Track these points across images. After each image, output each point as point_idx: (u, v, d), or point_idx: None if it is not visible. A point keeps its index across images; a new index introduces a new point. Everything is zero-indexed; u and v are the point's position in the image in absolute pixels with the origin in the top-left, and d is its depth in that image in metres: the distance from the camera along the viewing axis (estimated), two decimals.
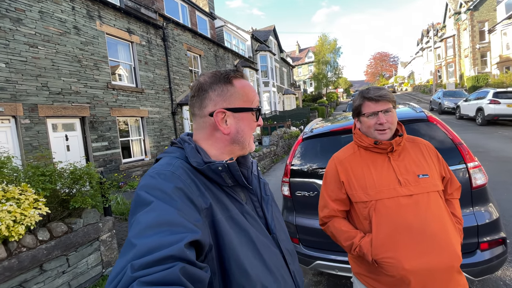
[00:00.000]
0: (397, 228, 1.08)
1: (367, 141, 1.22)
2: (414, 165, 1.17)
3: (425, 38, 40.10)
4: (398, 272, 1.06)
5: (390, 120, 1.18)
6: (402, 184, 1.13)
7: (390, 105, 1.18)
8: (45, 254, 2.36)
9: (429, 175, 1.14)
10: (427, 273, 1.04)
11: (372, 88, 1.23)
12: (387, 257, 1.08)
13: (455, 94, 15.88)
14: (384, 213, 1.11)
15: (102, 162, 7.58)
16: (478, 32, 24.16)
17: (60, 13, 6.70)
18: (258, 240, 0.68)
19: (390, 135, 1.20)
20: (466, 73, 25.66)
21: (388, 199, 1.12)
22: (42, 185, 2.59)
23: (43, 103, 6.26)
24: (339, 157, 1.32)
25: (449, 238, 1.07)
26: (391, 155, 1.20)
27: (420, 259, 1.04)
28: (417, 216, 1.08)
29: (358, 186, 1.20)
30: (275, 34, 25.05)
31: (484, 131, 9.87)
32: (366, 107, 1.21)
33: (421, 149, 1.23)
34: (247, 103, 0.75)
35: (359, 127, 1.29)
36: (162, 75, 10.07)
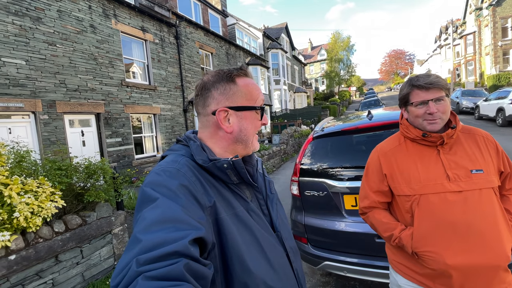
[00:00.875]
0: (441, 223, 1.04)
1: (415, 132, 1.14)
2: (467, 159, 1.08)
3: (444, 35, 38.72)
4: (439, 266, 1.04)
5: (441, 110, 1.08)
6: (452, 179, 1.06)
7: (443, 93, 1.08)
8: (60, 245, 2.44)
9: (484, 170, 1.06)
10: (470, 269, 1.01)
11: (422, 75, 1.14)
12: (429, 251, 1.05)
13: (475, 94, 15.27)
14: (428, 208, 1.07)
15: (116, 157, 7.78)
16: (501, 29, 23.09)
17: (77, 12, 6.89)
18: (263, 237, 0.69)
19: (441, 125, 1.10)
20: (486, 71, 24.63)
21: (433, 194, 1.07)
22: (58, 178, 2.69)
23: (61, 99, 6.48)
24: (382, 148, 1.26)
25: (499, 237, 1.01)
26: (441, 148, 1.11)
27: (464, 256, 1.01)
28: (464, 214, 1.02)
29: (402, 180, 1.14)
30: (287, 32, 24.84)
31: (505, 132, 9.46)
32: (415, 96, 1.12)
33: (477, 141, 1.13)
34: (250, 102, 0.74)
35: (407, 117, 1.21)
36: (174, 73, 10.20)
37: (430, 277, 1.09)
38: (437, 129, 1.10)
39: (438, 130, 1.11)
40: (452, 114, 1.15)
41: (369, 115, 2.44)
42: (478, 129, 1.18)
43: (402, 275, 1.21)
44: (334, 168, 2.33)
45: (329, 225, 2.16)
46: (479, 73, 26.69)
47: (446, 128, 1.14)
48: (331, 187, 2.20)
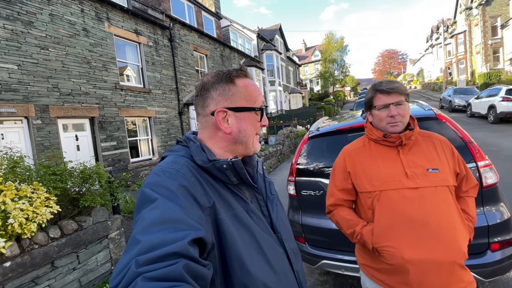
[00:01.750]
0: (399, 218, 1.09)
1: (377, 134, 1.23)
2: (424, 159, 1.16)
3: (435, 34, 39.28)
4: (396, 261, 1.08)
5: (401, 113, 1.17)
6: (409, 176, 1.13)
7: (402, 98, 1.17)
8: (56, 251, 2.42)
9: (440, 169, 1.13)
10: (426, 264, 1.04)
11: (385, 81, 1.23)
12: (387, 245, 1.10)
13: (466, 92, 15.51)
14: (387, 204, 1.13)
15: (111, 161, 7.71)
16: (490, 28, 23.51)
17: (69, 15, 6.83)
18: (263, 239, 0.68)
19: (402, 128, 1.19)
20: (477, 70, 25.03)
21: (392, 190, 1.13)
22: (53, 184, 2.66)
23: (54, 104, 6.41)
24: (348, 149, 1.35)
25: (454, 233, 1.06)
26: (401, 149, 1.19)
27: (420, 250, 1.05)
28: (421, 209, 1.08)
29: (364, 177, 1.22)
30: (281, 33, 24.95)
31: (497, 129, 9.63)
32: (378, 100, 1.21)
33: (434, 144, 1.21)
34: (250, 103, 0.74)
35: (371, 120, 1.29)
36: (169, 76, 10.17)
37: (389, 273, 1.13)
38: (399, 131, 1.19)
39: (399, 132, 1.19)
40: (411, 118, 1.24)
41: (363, 114, 2.47)
42: (435, 134, 1.27)
43: (369, 276, 1.25)
44: (330, 168, 2.35)
45: (326, 224, 2.18)
46: (470, 71, 27.12)
47: (405, 131, 1.21)
48: (327, 186, 2.22)
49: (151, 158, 9.29)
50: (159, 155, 9.43)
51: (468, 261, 1.73)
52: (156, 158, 9.33)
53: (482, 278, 1.68)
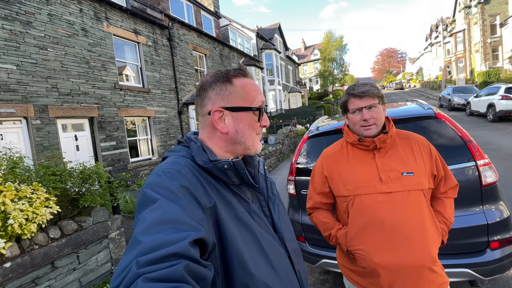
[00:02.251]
0: (370, 222, 1.11)
1: (352, 137, 1.23)
2: (400, 163, 1.16)
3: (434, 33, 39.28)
4: (368, 264, 1.10)
5: (375, 116, 1.16)
6: (383, 181, 1.13)
7: (375, 101, 1.16)
8: (56, 251, 2.42)
9: (415, 173, 1.13)
10: (395, 268, 1.06)
11: (358, 84, 1.22)
12: (359, 249, 1.13)
13: (466, 90, 15.52)
14: (360, 208, 1.15)
15: (111, 161, 7.71)
16: (489, 26, 23.54)
17: (68, 15, 6.82)
18: (264, 239, 0.68)
19: (376, 131, 1.18)
20: (476, 68, 25.05)
21: (366, 195, 1.15)
22: (53, 184, 2.66)
23: (53, 104, 6.40)
24: (326, 152, 1.36)
25: (424, 237, 1.07)
26: (377, 152, 1.19)
27: (389, 254, 1.07)
28: (392, 213, 1.09)
29: (340, 181, 1.23)
30: (280, 32, 24.92)
31: (496, 127, 9.64)
32: (351, 104, 1.21)
33: (411, 145, 1.21)
34: (247, 102, 0.73)
35: (347, 123, 1.30)
36: (168, 75, 10.15)
37: (362, 276, 1.16)
38: (372, 134, 1.18)
39: (374, 135, 1.18)
40: (388, 119, 1.23)
41: None
42: (414, 134, 1.25)
43: (347, 278, 1.27)
44: None
45: None
46: (469, 70, 27.14)
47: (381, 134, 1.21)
48: None
49: (151, 158, 9.29)
50: (158, 155, 9.42)
51: (467, 259, 1.74)
52: (156, 158, 9.32)
53: (482, 277, 1.69)
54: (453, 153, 1.98)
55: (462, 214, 1.81)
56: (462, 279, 1.74)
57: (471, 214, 1.81)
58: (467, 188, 1.84)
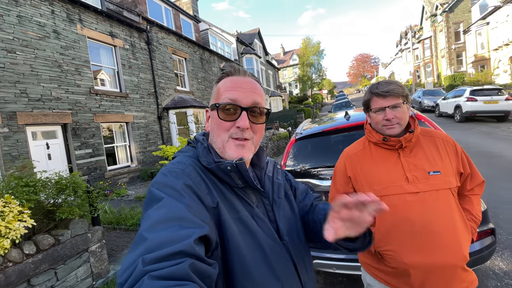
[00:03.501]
0: (399, 223, 1.09)
1: (376, 137, 1.20)
2: (425, 161, 1.13)
3: (404, 39, 41.62)
4: (398, 265, 1.09)
5: (398, 116, 1.13)
6: (410, 181, 1.11)
7: (399, 100, 1.13)
8: (32, 268, 2.24)
9: (442, 171, 1.11)
10: (427, 268, 1.05)
11: (382, 83, 1.19)
12: (388, 249, 1.11)
13: (434, 93, 16.55)
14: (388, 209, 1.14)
15: (86, 170, 7.32)
16: (454, 33, 25.37)
17: (39, 17, 6.45)
18: (267, 245, 0.66)
19: (399, 130, 1.16)
20: (443, 72, 26.83)
21: (394, 195, 1.12)
22: (26, 196, 2.47)
23: (22, 110, 5.99)
24: (348, 152, 1.32)
25: (456, 237, 1.06)
26: (402, 151, 1.17)
27: (420, 255, 1.05)
28: (422, 213, 1.07)
29: (365, 182, 1.20)
30: (260, 37, 25.21)
31: (463, 127, 10.34)
32: (374, 103, 1.18)
33: (436, 143, 1.18)
34: (216, 99, 0.73)
35: (369, 122, 1.26)
36: (147, 79, 9.88)
37: (392, 275, 1.15)
38: (396, 133, 1.15)
39: (398, 134, 1.16)
40: (412, 118, 1.20)
41: (347, 115, 2.55)
42: (438, 132, 1.25)
43: (369, 273, 1.26)
44: (317, 168, 2.40)
45: None
46: (436, 74, 29.01)
47: (405, 132, 1.19)
48: (316, 187, 2.26)
49: (130, 165, 8.94)
50: (138, 162, 9.09)
51: None
52: (135, 165, 8.99)
53: None
54: None
55: None
56: None
57: None
58: None
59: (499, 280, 2.29)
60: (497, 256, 2.60)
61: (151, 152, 9.45)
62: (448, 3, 25.30)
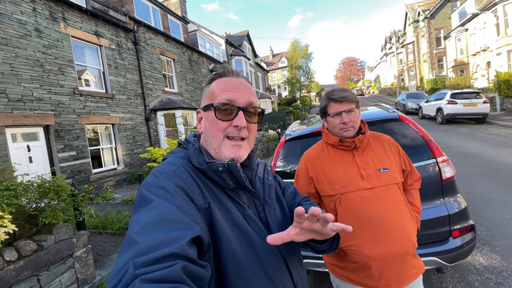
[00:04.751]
0: (359, 218, 1.19)
1: (333, 139, 1.31)
2: (376, 160, 1.27)
3: (388, 44, 42.89)
4: (360, 258, 1.17)
5: (353, 119, 1.26)
6: (365, 178, 1.23)
7: (353, 105, 1.26)
8: (13, 275, 2.14)
9: (389, 169, 1.25)
10: (384, 258, 1.15)
11: (336, 90, 1.32)
12: (351, 245, 1.19)
13: (417, 96, 17.13)
14: (348, 205, 1.22)
15: (70, 173, 7.09)
16: (435, 39, 26.38)
17: (19, 14, 6.21)
18: (259, 245, 0.66)
19: (354, 132, 1.29)
20: (425, 76, 27.82)
21: (351, 192, 1.23)
22: (6, 200, 2.36)
23: (1, 111, 5.73)
24: (309, 154, 1.41)
25: (405, 227, 1.19)
26: (355, 152, 1.29)
27: (378, 246, 1.15)
28: (377, 207, 1.19)
29: (326, 181, 1.29)
30: (249, 39, 25.28)
31: (444, 129, 10.75)
32: (331, 108, 1.29)
33: (383, 144, 1.33)
34: (211, 100, 0.73)
35: (327, 126, 1.38)
36: (134, 80, 9.70)
37: (353, 271, 1.23)
38: (351, 135, 1.29)
39: (352, 136, 1.29)
40: (362, 122, 1.35)
41: None
42: (384, 135, 1.40)
43: (336, 275, 1.32)
44: None
45: None
46: (419, 77, 30.05)
47: (358, 134, 1.32)
48: None
49: (116, 168, 8.73)
50: (124, 165, 8.89)
51: (433, 248, 1.90)
52: (122, 168, 8.78)
53: (447, 263, 1.86)
54: (415, 151, 2.16)
55: (426, 207, 1.98)
56: (430, 267, 1.89)
57: (434, 206, 1.99)
58: (430, 183, 2.02)
59: (480, 274, 2.39)
60: (477, 252, 2.71)
61: (139, 155, 9.28)
62: (430, 10, 26.31)
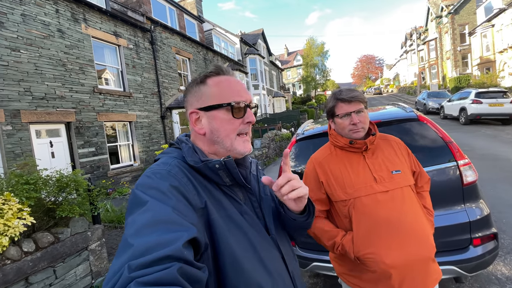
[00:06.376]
0: (376, 223, 1.12)
1: (343, 141, 1.25)
2: (387, 162, 1.21)
3: (409, 41, 41.34)
4: (379, 266, 1.09)
5: (362, 120, 1.21)
6: (378, 181, 1.17)
7: (362, 106, 1.21)
8: (30, 266, 2.24)
9: (402, 170, 1.20)
10: (406, 265, 1.07)
11: (344, 90, 1.25)
12: (368, 252, 1.11)
13: (439, 95, 16.40)
14: (363, 210, 1.15)
15: (89, 168, 7.36)
16: (459, 35, 25.11)
17: (43, 16, 6.51)
18: (257, 240, 0.68)
19: (363, 134, 1.23)
20: (448, 74, 26.57)
21: (366, 196, 1.16)
22: (26, 193, 2.48)
23: (26, 108, 6.04)
24: (317, 158, 1.34)
25: (424, 230, 1.12)
26: (366, 154, 1.24)
27: (399, 252, 1.08)
28: (394, 211, 1.12)
29: (337, 186, 1.22)
30: (264, 38, 25.20)
31: (468, 130, 10.22)
32: (339, 108, 1.23)
33: (392, 146, 1.28)
34: (220, 99, 0.71)
35: (334, 128, 1.31)
36: (150, 79, 9.93)
37: (371, 282, 1.14)
38: (361, 137, 1.23)
39: (362, 138, 1.23)
40: (371, 123, 1.28)
41: None
42: (392, 136, 1.34)
43: (349, 284, 1.25)
44: None
45: None
46: (441, 76, 28.74)
47: (367, 136, 1.26)
48: None
49: (132, 164, 8.98)
50: (140, 161, 9.13)
51: (452, 256, 1.79)
52: (138, 164, 9.02)
53: (466, 273, 1.74)
54: (434, 153, 2.05)
55: (445, 213, 1.87)
56: (448, 276, 1.78)
57: (454, 212, 1.88)
58: (449, 188, 1.91)
59: (502, 285, 2.24)
60: (499, 261, 2.55)
61: (154, 152, 9.49)
62: (454, 5, 25.05)
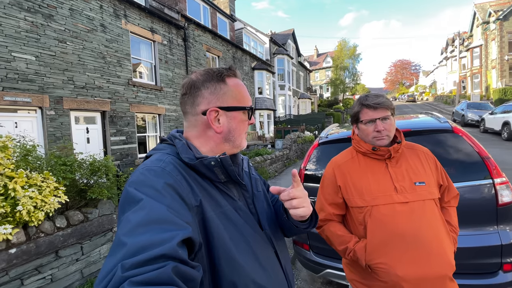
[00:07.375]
0: (391, 234, 1.08)
1: (365, 147, 1.22)
2: (411, 172, 1.16)
3: (450, 47, 38.72)
4: (390, 278, 1.06)
5: (387, 128, 1.17)
6: (399, 191, 1.13)
7: (388, 113, 1.17)
8: (61, 240, 2.44)
9: (426, 182, 1.14)
10: (419, 280, 1.03)
11: (371, 95, 1.22)
12: (380, 262, 1.08)
13: (480, 107, 15.19)
14: (379, 219, 1.12)
15: (119, 155, 7.81)
16: (507, 43, 23.04)
17: (88, 11, 7.00)
18: (251, 236, 0.69)
19: (388, 141, 1.19)
20: (492, 85, 24.51)
21: (384, 205, 1.12)
22: (63, 174, 2.70)
23: (68, 96, 6.54)
24: (337, 161, 1.31)
25: (442, 247, 1.07)
26: (389, 162, 1.19)
27: (413, 266, 1.04)
28: (411, 224, 1.08)
29: (355, 191, 1.20)
30: (294, 38, 24.98)
31: (510, 146, 9.37)
32: (364, 114, 1.20)
33: (419, 156, 1.22)
34: (241, 102, 0.75)
35: (358, 133, 1.28)
36: (181, 74, 10.28)
37: None
38: (385, 144, 1.19)
39: (386, 145, 1.19)
40: (397, 130, 1.24)
41: None
42: (420, 146, 1.28)
43: None
44: None
45: None
46: (485, 86, 26.56)
47: (392, 143, 1.22)
48: None
49: None
50: None
51: (478, 280, 1.68)
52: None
53: None
54: (469, 169, 1.92)
55: (475, 233, 1.75)
56: None
57: (485, 233, 1.75)
58: (482, 207, 1.78)
59: None
60: None
61: None
62: (503, 11, 23.01)
